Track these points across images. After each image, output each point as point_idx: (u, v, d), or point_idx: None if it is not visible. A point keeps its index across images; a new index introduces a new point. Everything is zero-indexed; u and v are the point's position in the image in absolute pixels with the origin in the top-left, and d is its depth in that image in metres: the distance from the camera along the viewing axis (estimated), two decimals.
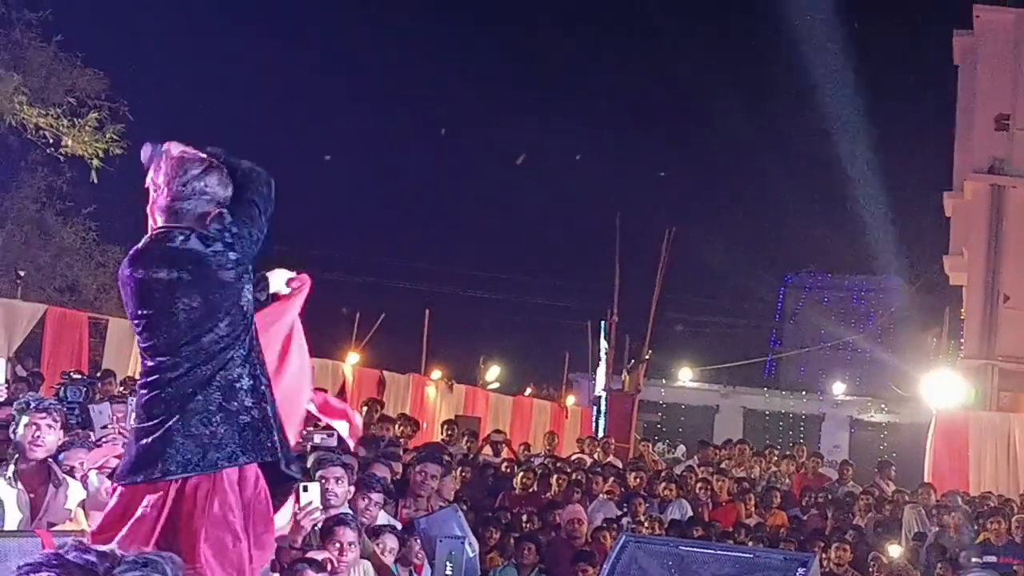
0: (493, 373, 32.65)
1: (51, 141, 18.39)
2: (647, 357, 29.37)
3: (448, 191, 36.10)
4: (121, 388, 13.09)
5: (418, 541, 7.86)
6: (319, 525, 6.93)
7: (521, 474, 14.34)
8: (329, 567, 6.68)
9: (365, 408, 15.80)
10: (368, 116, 34.74)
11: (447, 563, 7.29)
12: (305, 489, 6.97)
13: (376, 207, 34.97)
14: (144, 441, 4.52)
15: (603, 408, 28.60)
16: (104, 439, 6.61)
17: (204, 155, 4.65)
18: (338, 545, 6.90)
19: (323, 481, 7.34)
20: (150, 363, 4.58)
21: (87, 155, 18.59)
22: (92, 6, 23.75)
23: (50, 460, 6.27)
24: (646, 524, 12.61)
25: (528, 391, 31.76)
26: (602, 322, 29.97)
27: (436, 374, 26.15)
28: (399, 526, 8.24)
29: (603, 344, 29.88)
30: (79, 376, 11.64)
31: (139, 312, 4.59)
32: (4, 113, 17.97)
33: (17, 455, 6.22)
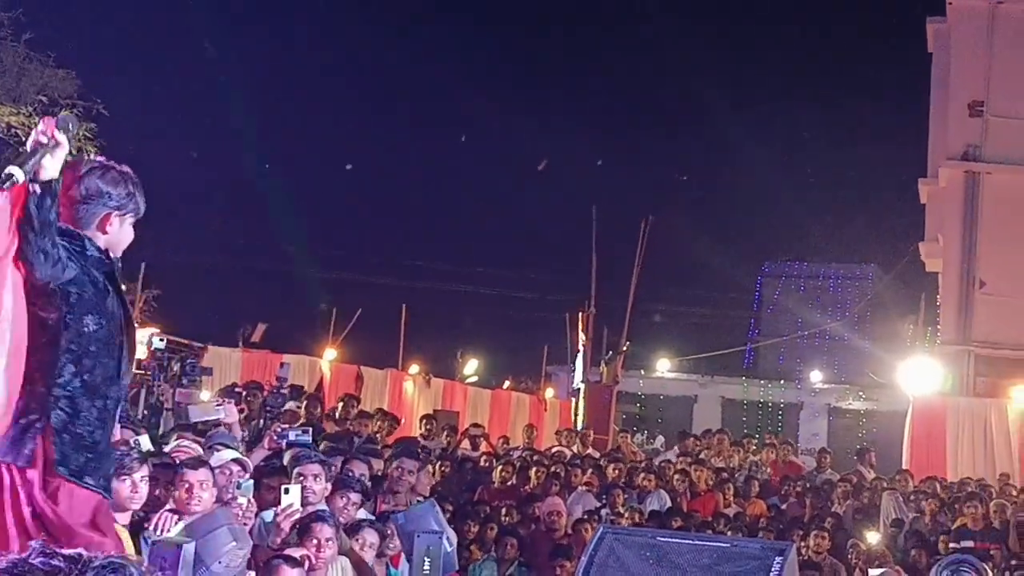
0: (471, 367, 32.64)
1: (23, 140, 18.30)
2: (625, 348, 29.39)
3: (422, 185, 36.03)
4: None
5: (393, 532, 7.84)
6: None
7: (500, 467, 14.35)
8: (307, 564, 6.67)
9: (342, 403, 15.80)
10: (343, 111, 34.67)
11: (425, 558, 7.28)
12: (286, 491, 6.96)
13: (351, 202, 34.87)
14: None
15: (582, 400, 28.64)
16: None
17: None
18: (315, 542, 6.87)
19: (300, 478, 7.33)
20: None
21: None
22: (63, 5, 23.65)
23: None
24: (625, 515, 12.63)
25: (506, 384, 31.78)
26: (580, 314, 29.99)
27: (414, 369, 26.11)
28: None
29: (581, 336, 29.89)
30: None
31: None
32: None
33: None
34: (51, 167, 4.48)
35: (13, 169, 4.33)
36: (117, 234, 4.95)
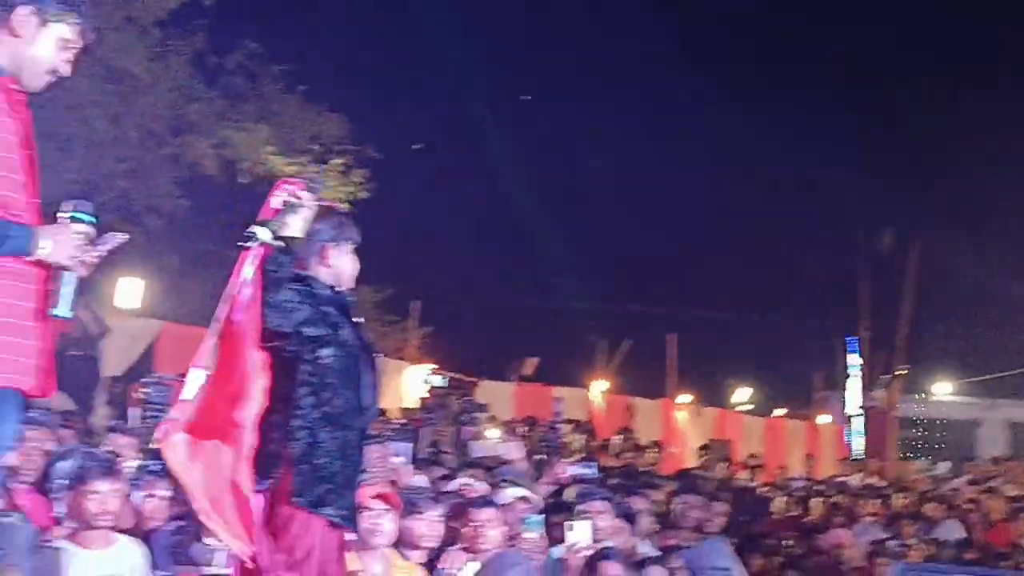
0: (743, 394, 32.21)
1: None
2: (901, 372, 28.58)
3: (686, 213, 35.77)
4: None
5: (681, 568, 7.74)
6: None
7: (780, 498, 14.06)
8: None
9: (620, 437, 15.79)
10: (610, 146, 34.86)
11: None
12: (570, 528, 6.94)
13: (617, 234, 34.92)
14: None
15: (858, 426, 27.95)
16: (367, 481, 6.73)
17: None
18: None
19: (586, 515, 7.31)
20: None
21: (334, 200, 19.16)
22: (335, 55, 24.52)
23: None
24: (915, 547, 12.17)
25: (779, 411, 31.22)
26: (852, 338, 29.30)
27: (685, 398, 25.94)
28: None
29: (855, 360, 29.19)
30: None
31: None
32: (254, 164, 18.65)
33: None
34: (294, 226, 4.69)
35: (257, 229, 4.54)
36: (339, 265, 5.09)
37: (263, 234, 4.71)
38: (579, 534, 6.98)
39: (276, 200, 4.89)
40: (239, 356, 4.82)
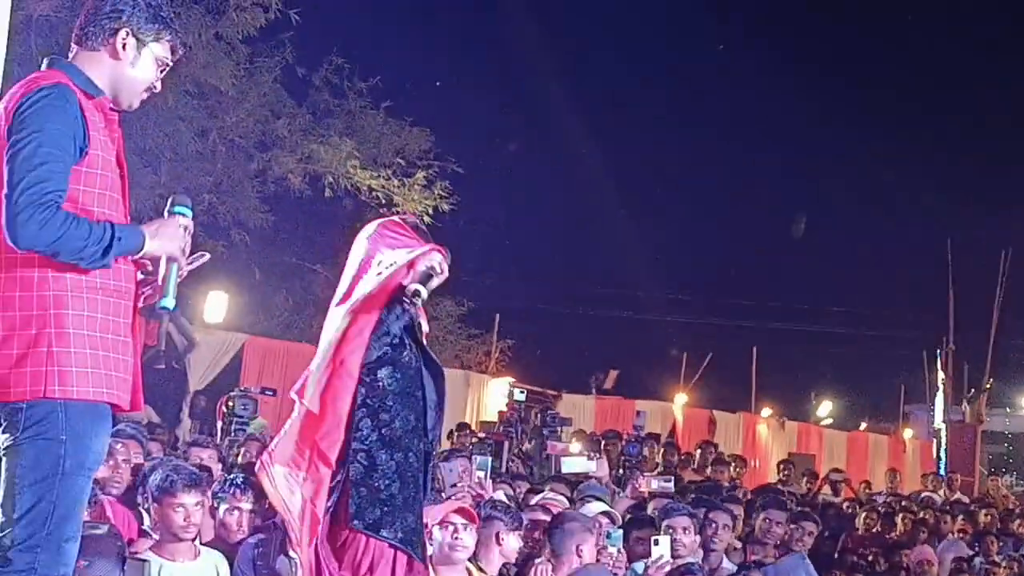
0: (825, 408, 31.93)
1: (383, 202, 19.14)
2: (988, 385, 28.16)
3: (767, 225, 35.52)
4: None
5: None
6: None
7: (864, 514, 13.90)
8: None
9: (699, 450, 15.71)
10: (686, 153, 34.70)
11: None
12: (656, 543, 6.96)
13: (698, 245, 34.79)
14: None
15: (943, 441, 27.56)
16: (455, 496, 6.78)
17: None
18: None
19: (670, 531, 7.30)
20: None
21: (417, 213, 19.29)
22: (419, 70, 24.72)
23: None
24: (1004, 565, 11.98)
25: (863, 425, 30.89)
26: (938, 351, 28.91)
27: (766, 411, 25.77)
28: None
29: (940, 374, 28.81)
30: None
31: None
32: (339, 177, 18.84)
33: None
34: (427, 291, 4.82)
35: (419, 287, 4.72)
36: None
37: (424, 295, 4.88)
38: (663, 548, 6.99)
39: (423, 264, 4.96)
40: (339, 396, 4.89)
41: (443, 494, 6.81)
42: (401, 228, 5.18)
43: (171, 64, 4.26)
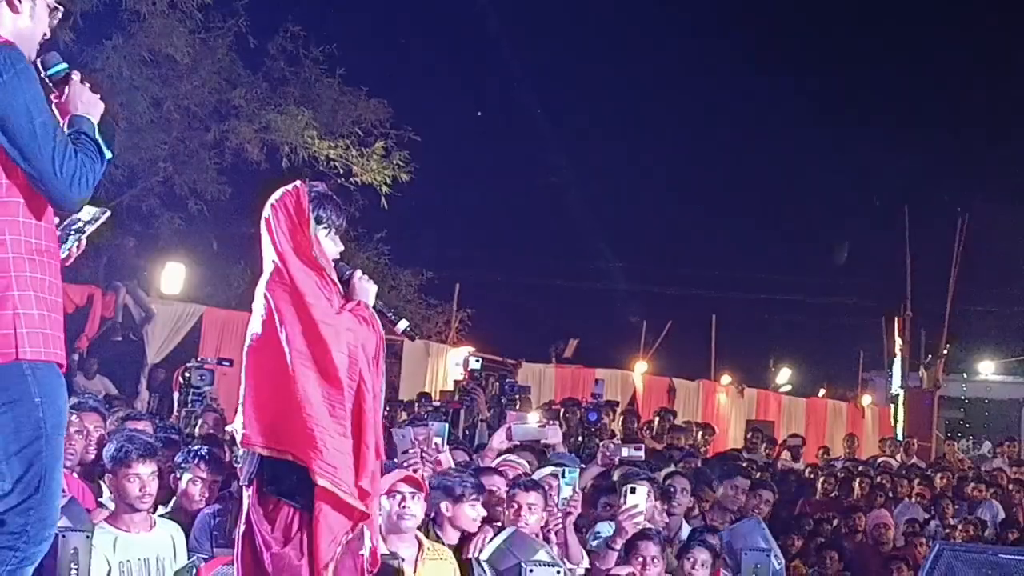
0: (784, 375, 32.09)
1: (341, 172, 19.03)
2: (945, 351, 28.40)
3: (725, 192, 35.61)
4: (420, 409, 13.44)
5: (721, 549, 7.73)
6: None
7: (822, 479, 14.01)
8: None
9: (658, 418, 15.79)
10: (649, 122, 34.65)
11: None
12: (633, 491, 6.98)
13: (657, 212, 34.82)
14: None
15: (901, 406, 27.80)
16: (406, 463, 6.75)
17: None
18: (641, 559, 6.85)
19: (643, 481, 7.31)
20: None
21: (376, 183, 19.19)
22: (372, 36, 24.56)
23: None
24: (959, 528, 12.11)
25: (821, 392, 31.08)
26: (896, 317, 29.11)
27: (726, 379, 25.89)
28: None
29: (897, 340, 29.02)
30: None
31: None
32: (297, 148, 18.70)
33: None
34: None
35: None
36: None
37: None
38: (638, 497, 7.00)
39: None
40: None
41: (394, 459, 6.77)
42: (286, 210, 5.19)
43: (61, 8, 4.28)
